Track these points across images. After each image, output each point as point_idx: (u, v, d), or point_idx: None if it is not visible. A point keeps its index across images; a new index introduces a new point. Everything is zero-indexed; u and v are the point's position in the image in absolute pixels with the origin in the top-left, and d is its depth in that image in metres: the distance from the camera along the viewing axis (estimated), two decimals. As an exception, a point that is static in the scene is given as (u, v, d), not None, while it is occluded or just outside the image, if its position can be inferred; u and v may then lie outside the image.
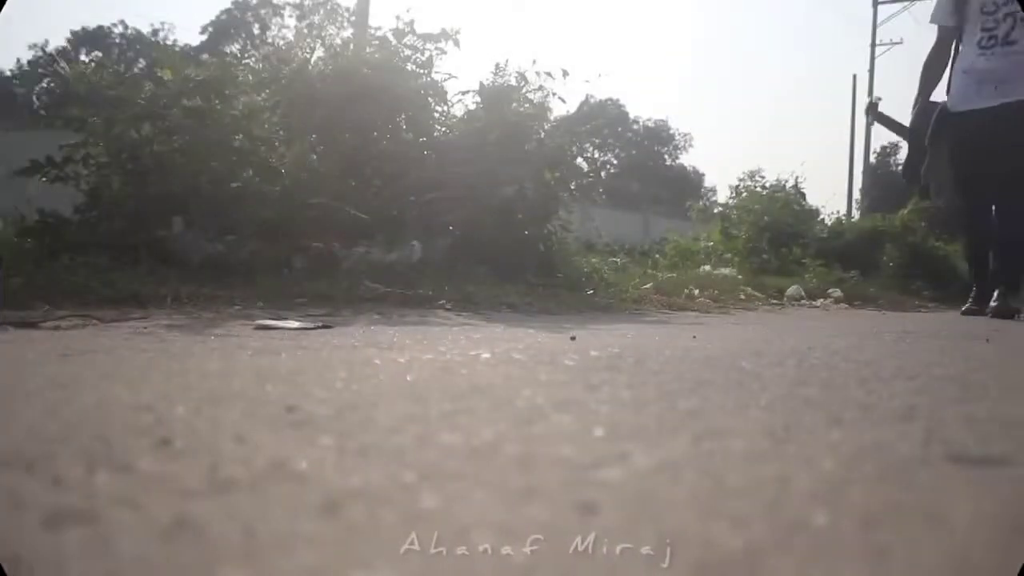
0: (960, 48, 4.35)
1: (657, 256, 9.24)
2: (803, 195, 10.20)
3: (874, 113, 5.29)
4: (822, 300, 6.49)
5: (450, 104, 4.88)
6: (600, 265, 5.45)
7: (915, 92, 4.57)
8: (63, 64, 3.64)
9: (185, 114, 3.49)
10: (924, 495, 0.57)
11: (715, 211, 10.62)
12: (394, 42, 4.68)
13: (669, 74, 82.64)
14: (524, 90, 4.78)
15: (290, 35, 6.13)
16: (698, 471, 0.62)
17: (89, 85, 3.49)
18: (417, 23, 4.70)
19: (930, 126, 4.42)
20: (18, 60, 44.32)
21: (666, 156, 51.05)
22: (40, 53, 41.82)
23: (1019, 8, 4.10)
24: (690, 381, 1.13)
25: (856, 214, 17.58)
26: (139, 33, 44.63)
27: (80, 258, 2.89)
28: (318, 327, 1.97)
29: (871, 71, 27.29)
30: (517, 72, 4.82)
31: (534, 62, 4.80)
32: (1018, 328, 3.34)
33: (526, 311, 3.07)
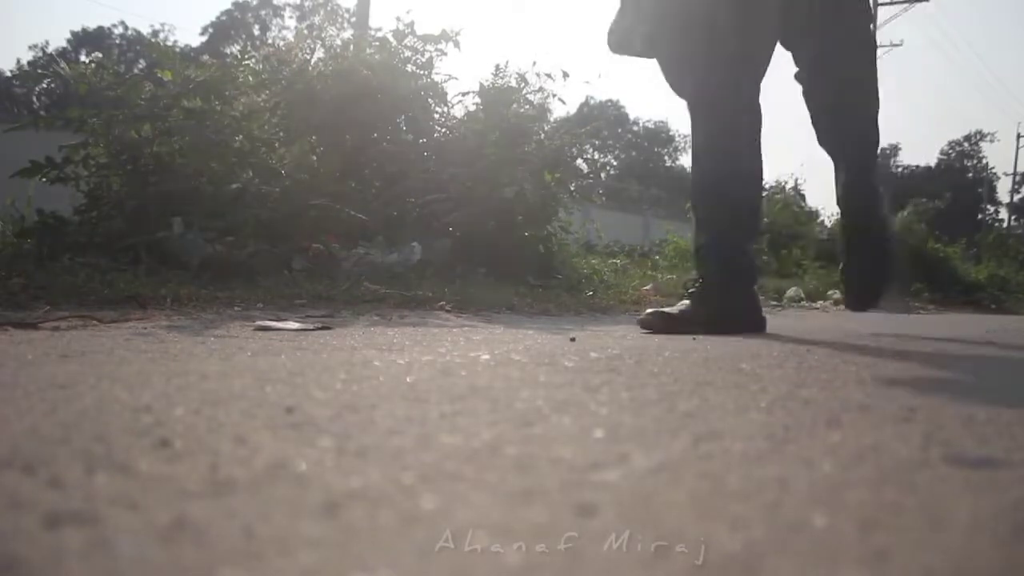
0: None
1: (657, 257, 9.25)
2: (803, 196, 10.24)
3: None
4: (822, 302, 6.50)
5: (450, 105, 4.90)
6: (600, 266, 5.46)
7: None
8: (63, 65, 3.64)
9: (185, 115, 3.49)
10: (924, 497, 0.58)
11: (715, 213, 10.60)
12: (394, 43, 4.69)
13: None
14: (524, 91, 4.79)
15: (290, 36, 6.13)
16: (697, 472, 0.62)
17: (89, 86, 3.49)
18: (417, 24, 4.71)
19: None
20: (18, 60, 44.39)
21: (666, 157, 51.08)
22: (40, 53, 41.88)
23: None
24: (690, 382, 1.13)
25: (856, 216, 17.55)
26: (139, 34, 44.70)
27: (80, 258, 2.89)
28: (318, 328, 1.97)
29: (871, 72, 27.22)
30: (517, 73, 4.83)
31: (534, 63, 4.82)
32: (1019, 328, 3.34)
33: (526, 312, 3.07)
